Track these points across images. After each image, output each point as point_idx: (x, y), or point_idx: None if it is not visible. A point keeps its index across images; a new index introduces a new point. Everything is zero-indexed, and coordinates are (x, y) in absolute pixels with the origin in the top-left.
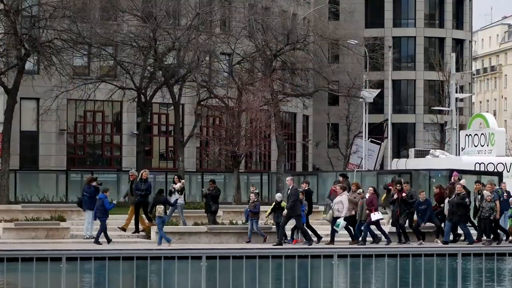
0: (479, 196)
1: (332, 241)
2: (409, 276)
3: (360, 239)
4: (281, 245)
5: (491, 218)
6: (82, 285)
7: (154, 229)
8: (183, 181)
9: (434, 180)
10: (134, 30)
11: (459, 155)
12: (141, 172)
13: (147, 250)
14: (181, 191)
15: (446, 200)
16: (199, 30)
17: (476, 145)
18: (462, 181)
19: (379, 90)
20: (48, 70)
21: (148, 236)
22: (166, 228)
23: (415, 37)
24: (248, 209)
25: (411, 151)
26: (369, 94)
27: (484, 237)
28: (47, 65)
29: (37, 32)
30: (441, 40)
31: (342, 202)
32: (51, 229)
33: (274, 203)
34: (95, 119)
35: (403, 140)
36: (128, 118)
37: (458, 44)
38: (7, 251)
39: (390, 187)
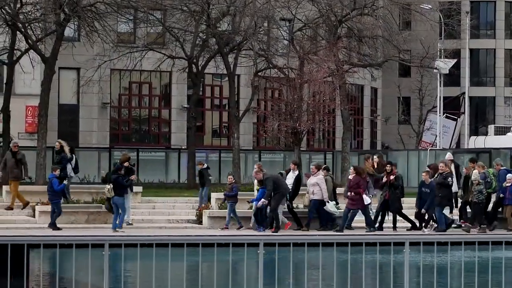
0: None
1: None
2: (489, 266)
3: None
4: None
5: (480, 203)
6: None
7: (206, 213)
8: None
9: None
10: None
11: None
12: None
13: (199, 237)
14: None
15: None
16: None
17: None
18: (448, 155)
19: (455, 60)
20: (90, 37)
21: (199, 222)
22: (218, 213)
23: (495, 1)
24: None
25: (491, 128)
26: (444, 65)
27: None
28: (88, 31)
29: None
30: None
31: (318, 184)
32: (92, 212)
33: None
34: (141, 91)
35: (482, 115)
36: (178, 90)
37: None
38: (44, 236)
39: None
